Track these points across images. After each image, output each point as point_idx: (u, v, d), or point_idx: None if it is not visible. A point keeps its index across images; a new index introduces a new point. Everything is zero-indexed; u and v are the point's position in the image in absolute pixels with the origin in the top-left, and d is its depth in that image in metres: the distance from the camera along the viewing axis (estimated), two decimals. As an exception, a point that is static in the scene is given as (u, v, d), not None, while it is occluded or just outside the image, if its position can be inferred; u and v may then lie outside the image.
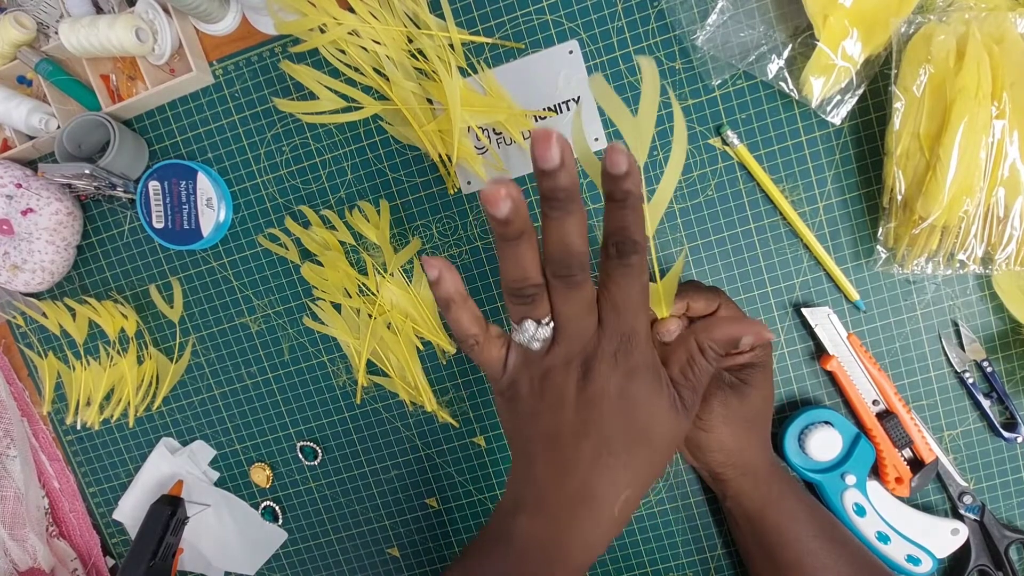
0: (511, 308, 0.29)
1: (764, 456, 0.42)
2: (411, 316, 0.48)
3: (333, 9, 0.42)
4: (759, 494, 0.42)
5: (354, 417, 0.52)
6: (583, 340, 0.29)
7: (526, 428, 0.31)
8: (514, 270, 0.27)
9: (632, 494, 0.30)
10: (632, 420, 0.29)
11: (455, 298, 0.29)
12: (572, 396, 0.29)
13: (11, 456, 0.53)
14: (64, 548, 0.55)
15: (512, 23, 0.46)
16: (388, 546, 0.54)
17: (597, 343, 0.29)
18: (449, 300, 0.29)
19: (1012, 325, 0.45)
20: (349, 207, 0.49)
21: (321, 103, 0.45)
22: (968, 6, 0.39)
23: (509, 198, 0.25)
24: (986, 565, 0.46)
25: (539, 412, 0.30)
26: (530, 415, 0.30)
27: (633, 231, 0.27)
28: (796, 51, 0.42)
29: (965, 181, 0.38)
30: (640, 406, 0.29)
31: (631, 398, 0.29)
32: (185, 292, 0.51)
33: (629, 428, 0.29)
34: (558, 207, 0.26)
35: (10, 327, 0.54)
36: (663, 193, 0.34)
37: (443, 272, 0.29)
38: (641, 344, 0.29)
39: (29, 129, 0.49)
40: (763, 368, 0.40)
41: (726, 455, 0.41)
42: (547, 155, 0.25)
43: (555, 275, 0.28)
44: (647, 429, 0.29)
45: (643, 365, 0.29)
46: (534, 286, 0.28)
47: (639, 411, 0.29)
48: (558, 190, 0.25)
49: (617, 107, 0.34)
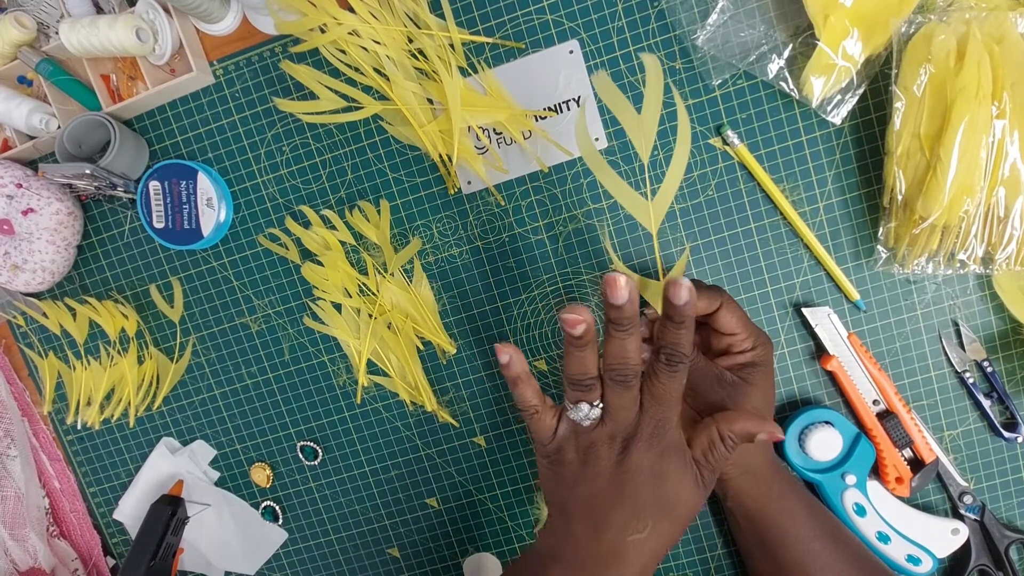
0: (569, 392, 0.35)
1: (765, 455, 0.42)
2: (411, 316, 0.48)
3: (333, 9, 0.42)
4: (760, 493, 0.42)
5: (354, 417, 0.52)
6: (626, 423, 0.34)
7: (567, 490, 0.35)
8: (578, 367, 0.34)
9: (654, 556, 0.34)
10: (661, 492, 0.34)
11: (522, 376, 0.36)
12: (611, 467, 0.34)
13: (11, 456, 0.53)
14: (65, 548, 0.55)
15: (512, 23, 0.46)
16: (388, 546, 0.54)
17: (637, 425, 0.34)
18: (516, 379, 0.36)
19: (1012, 325, 0.45)
20: (349, 207, 0.49)
21: (321, 103, 0.45)
22: (968, 6, 0.39)
23: (585, 323, 0.32)
24: (986, 565, 0.46)
25: (580, 478, 0.35)
26: (572, 480, 0.35)
27: (684, 347, 0.33)
28: (796, 51, 0.42)
29: (965, 181, 0.38)
30: (668, 481, 0.34)
31: (661, 474, 0.34)
32: (185, 292, 0.51)
33: (657, 499, 0.34)
34: (621, 330, 0.33)
35: (10, 327, 0.54)
36: (667, 190, 0.35)
37: (513, 356, 0.35)
38: (673, 429, 0.34)
39: (30, 129, 0.49)
40: (764, 367, 0.40)
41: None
42: (617, 295, 0.32)
43: (612, 378, 0.34)
44: (673, 501, 0.34)
45: (673, 446, 0.34)
46: (592, 379, 0.34)
47: (667, 485, 0.34)
48: (623, 319, 0.32)
49: (622, 104, 0.35)
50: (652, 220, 0.36)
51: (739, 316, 0.40)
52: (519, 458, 0.51)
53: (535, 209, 0.47)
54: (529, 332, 0.49)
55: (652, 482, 0.34)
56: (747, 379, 0.40)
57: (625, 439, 0.34)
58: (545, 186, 0.47)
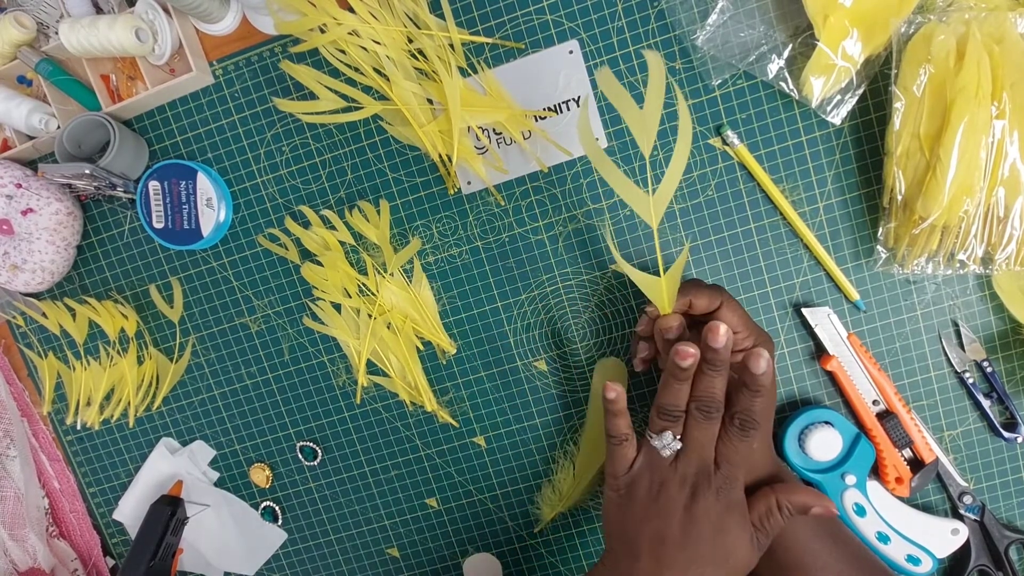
0: (655, 421, 0.38)
1: (766, 456, 0.42)
2: (411, 316, 0.48)
3: (333, 9, 0.42)
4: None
5: (354, 417, 0.52)
6: (701, 464, 0.37)
7: (636, 524, 0.37)
8: (673, 397, 0.37)
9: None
10: (721, 544, 0.36)
11: (623, 410, 0.39)
12: (680, 509, 0.36)
13: (11, 456, 0.53)
14: (64, 548, 0.55)
15: (512, 23, 0.46)
16: (388, 546, 0.54)
17: (708, 475, 0.37)
18: (618, 412, 0.39)
19: (1012, 325, 0.45)
20: (349, 207, 0.49)
21: (321, 103, 0.45)
22: (968, 6, 0.39)
23: (694, 358, 0.36)
24: (986, 565, 0.46)
25: (651, 514, 0.37)
26: (642, 515, 0.37)
27: (757, 415, 0.36)
28: (796, 51, 0.42)
29: (965, 181, 0.38)
30: (729, 534, 0.36)
31: (724, 528, 0.36)
32: (185, 292, 0.51)
33: (717, 549, 0.36)
34: (714, 369, 0.36)
35: (10, 327, 0.54)
36: (668, 185, 0.35)
37: (619, 394, 0.39)
38: (739, 489, 0.37)
39: (29, 129, 0.49)
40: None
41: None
42: (717, 340, 0.35)
43: (698, 409, 0.37)
44: (730, 554, 0.36)
45: (737, 504, 0.37)
46: (681, 411, 0.37)
47: (727, 538, 0.36)
48: (717, 360, 0.36)
49: (625, 100, 0.35)
50: (653, 214, 0.37)
51: (740, 315, 0.40)
52: (519, 458, 0.51)
53: (535, 209, 0.47)
54: (529, 332, 0.49)
55: (714, 533, 0.36)
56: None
57: (695, 485, 0.36)
58: (545, 186, 0.47)
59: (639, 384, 0.49)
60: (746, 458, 0.37)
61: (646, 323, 0.42)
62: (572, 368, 0.49)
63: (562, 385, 0.49)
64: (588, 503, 0.50)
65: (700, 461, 0.37)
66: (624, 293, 0.48)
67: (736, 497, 0.37)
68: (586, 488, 0.49)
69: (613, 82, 0.36)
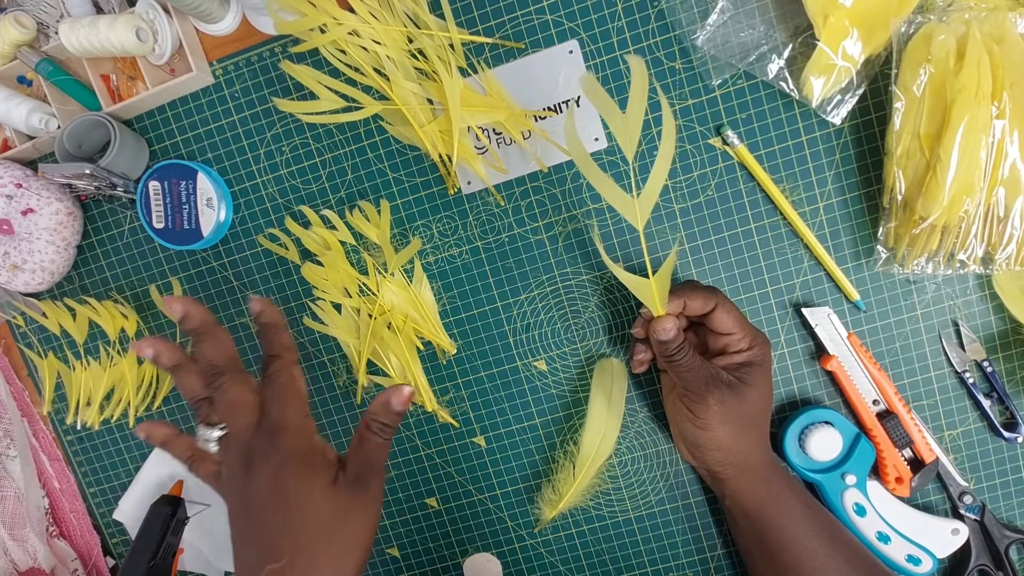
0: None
1: (762, 455, 0.42)
2: (411, 316, 0.48)
3: (333, 9, 0.42)
4: (757, 493, 0.42)
5: (354, 417, 0.52)
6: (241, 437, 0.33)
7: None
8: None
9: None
10: (288, 514, 0.30)
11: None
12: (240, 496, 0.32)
13: (11, 456, 0.53)
14: (64, 548, 0.55)
15: (512, 23, 0.46)
16: (388, 546, 0.54)
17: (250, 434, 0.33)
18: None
19: (1012, 325, 0.45)
20: (349, 207, 0.49)
21: (321, 103, 0.45)
22: (968, 6, 0.39)
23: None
24: (986, 565, 0.46)
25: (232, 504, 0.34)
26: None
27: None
28: (796, 51, 0.42)
29: (965, 181, 0.38)
30: (292, 498, 0.31)
31: (282, 491, 0.31)
32: (185, 292, 0.51)
33: (288, 522, 0.30)
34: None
35: (10, 327, 0.54)
36: (652, 186, 0.36)
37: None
38: (291, 434, 0.32)
39: (29, 129, 0.49)
40: (761, 367, 0.40)
41: (724, 453, 0.41)
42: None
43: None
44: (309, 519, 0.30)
45: (295, 456, 0.32)
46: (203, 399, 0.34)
47: (291, 503, 0.30)
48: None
49: (607, 105, 0.35)
50: (638, 216, 0.37)
51: (735, 316, 0.40)
52: (519, 458, 0.51)
53: (535, 209, 0.47)
54: (529, 332, 0.49)
55: (274, 503, 0.31)
56: (744, 379, 0.40)
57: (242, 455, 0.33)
58: (545, 186, 0.47)
59: (639, 384, 0.49)
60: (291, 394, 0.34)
61: (641, 325, 0.42)
62: (572, 368, 0.49)
63: (562, 385, 0.49)
64: (588, 503, 0.50)
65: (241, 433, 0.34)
66: (624, 293, 0.48)
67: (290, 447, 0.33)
68: (586, 488, 0.49)
69: (596, 87, 0.35)
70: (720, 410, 0.40)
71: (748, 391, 0.40)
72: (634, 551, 0.51)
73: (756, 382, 0.40)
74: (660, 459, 0.49)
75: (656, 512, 0.50)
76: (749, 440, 0.41)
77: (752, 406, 0.40)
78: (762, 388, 0.41)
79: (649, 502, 0.50)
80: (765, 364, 0.41)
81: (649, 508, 0.50)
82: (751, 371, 0.40)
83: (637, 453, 0.49)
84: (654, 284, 0.38)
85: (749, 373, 0.40)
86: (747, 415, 0.40)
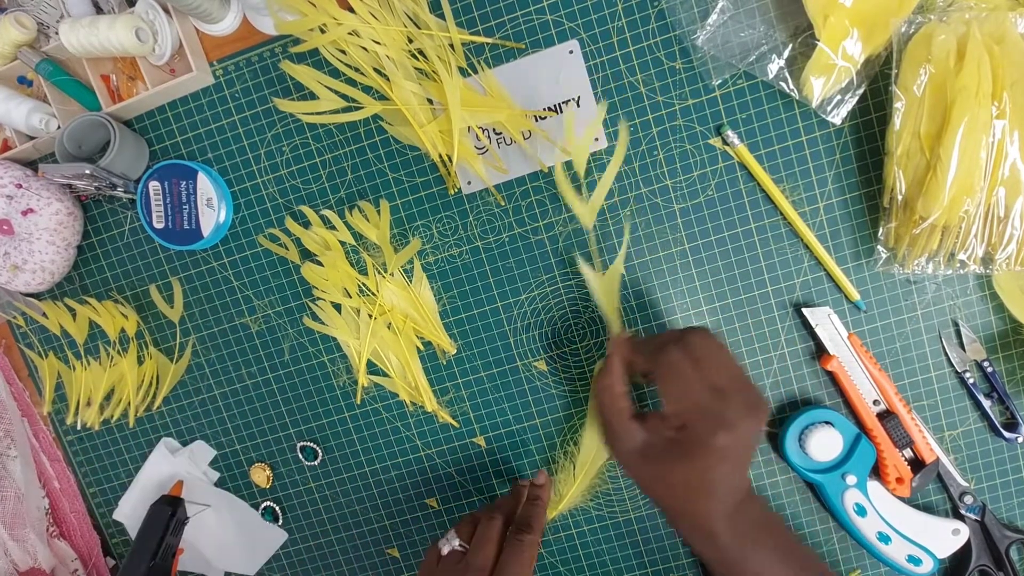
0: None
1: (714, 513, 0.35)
2: (411, 316, 0.48)
3: (333, 9, 0.42)
4: (720, 557, 0.36)
5: (354, 417, 0.52)
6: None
7: None
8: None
9: None
10: None
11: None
12: None
13: (11, 456, 0.53)
14: (64, 548, 0.55)
15: (512, 23, 0.46)
16: (388, 546, 0.54)
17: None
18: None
19: (1012, 325, 0.45)
20: (349, 207, 0.49)
21: (321, 103, 0.45)
22: (968, 6, 0.39)
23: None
24: (987, 565, 0.46)
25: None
26: None
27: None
28: (796, 51, 0.42)
29: (965, 181, 0.38)
30: None
31: None
32: (185, 292, 0.51)
33: None
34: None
35: (10, 327, 0.54)
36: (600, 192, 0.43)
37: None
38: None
39: (29, 129, 0.49)
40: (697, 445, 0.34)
41: (664, 509, 0.37)
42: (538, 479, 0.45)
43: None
44: None
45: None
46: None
47: None
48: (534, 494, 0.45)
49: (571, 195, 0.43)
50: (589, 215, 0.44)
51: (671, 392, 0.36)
52: (519, 458, 0.51)
53: (535, 209, 0.47)
54: (529, 332, 0.49)
55: None
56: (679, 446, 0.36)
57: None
58: (545, 186, 0.47)
59: (639, 384, 0.49)
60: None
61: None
62: (572, 368, 0.49)
63: (562, 385, 0.49)
64: (588, 503, 0.50)
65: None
66: (624, 293, 0.48)
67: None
68: (586, 488, 0.49)
69: (563, 181, 0.43)
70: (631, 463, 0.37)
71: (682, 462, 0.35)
72: (634, 551, 0.51)
73: (694, 455, 0.35)
74: (660, 459, 0.49)
75: (656, 512, 0.50)
76: (687, 496, 0.35)
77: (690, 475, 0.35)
78: (701, 463, 0.34)
79: (649, 502, 0.50)
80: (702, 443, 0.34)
81: (649, 508, 0.50)
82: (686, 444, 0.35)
83: (637, 453, 0.49)
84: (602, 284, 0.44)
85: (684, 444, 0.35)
86: (681, 481, 0.35)
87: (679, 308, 0.47)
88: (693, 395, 0.35)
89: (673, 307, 0.47)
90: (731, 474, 0.35)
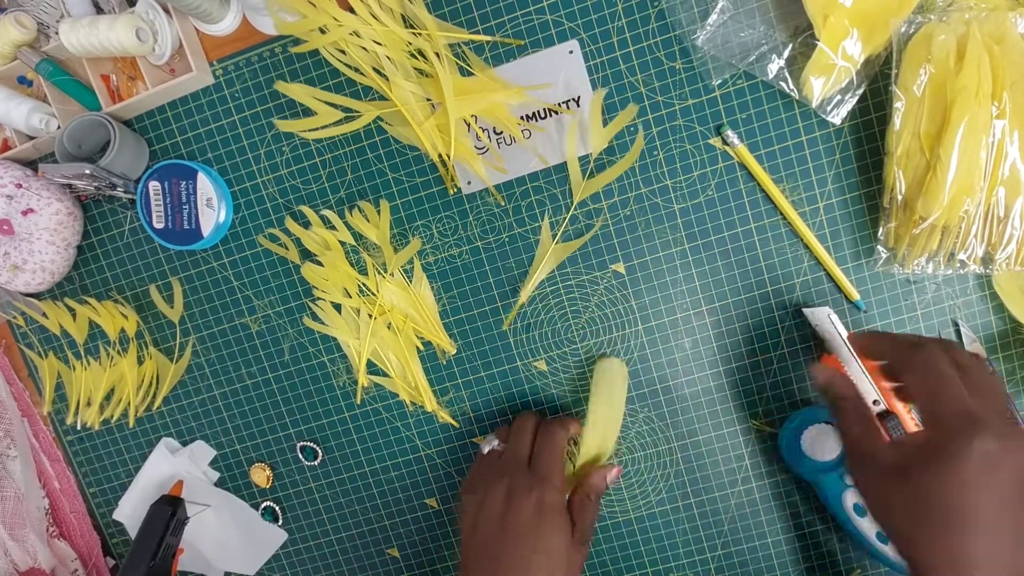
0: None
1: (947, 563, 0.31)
2: (411, 316, 0.48)
3: (333, 10, 0.42)
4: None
5: (354, 417, 0.52)
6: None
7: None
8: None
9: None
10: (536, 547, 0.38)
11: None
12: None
13: (11, 456, 0.53)
14: (64, 548, 0.55)
15: (512, 23, 0.46)
16: (388, 546, 0.54)
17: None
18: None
19: (1012, 325, 0.45)
20: (349, 207, 0.49)
21: (319, 118, 0.45)
22: (968, 6, 0.39)
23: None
24: (986, 565, 0.46)
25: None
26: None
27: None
28: (796, 51, 0.42)
29: (965, 181, 0.38)
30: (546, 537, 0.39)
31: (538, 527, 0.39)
32: (185, 292, 0.51)
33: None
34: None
35: (10, 327, 0.54)
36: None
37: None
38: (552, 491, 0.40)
39: (29, 129, 0.49)
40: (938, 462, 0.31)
41: (893, 539, 0.35)
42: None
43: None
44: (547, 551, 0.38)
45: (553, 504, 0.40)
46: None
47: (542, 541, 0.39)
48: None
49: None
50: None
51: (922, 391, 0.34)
52: (519, 458, 0.51)
53: (535, 209, 0.47)
54: (529, 332, 0.49)
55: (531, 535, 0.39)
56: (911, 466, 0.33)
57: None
58: (545, 186, 0.47)
59: (639, 384, 0.49)
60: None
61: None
62: (572, 368, 0.49)
63: (562, 385, 0.49)
64: (588, 503, 0.50)
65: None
66: (624, 293, 0.48)
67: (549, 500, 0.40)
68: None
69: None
70: (870, 486, 0.35)
71: (912, 482, 0.32)
72: (634, 551, 0.51)
73: (927, 475, 0.32)
74: (660, 459, 0.49)
75: (656, 512, 0.50)
76: (920, 533, 0.32)
77: (921, 500, 0.32)
78: (938, 484, 0.31)
79: (649, 502, 0.50)
80: (948, 458, 0.31)
81: (649, 508, 0.50)
82: (921, 462, 0.32)
83: (637, 453, 0.49)
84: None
85: (918, 462, 0.33)
86: (912, 507, 0.33)
87: (679, 308, 0.47)
88: (954, 395, 0.32)
89: (673, 307, 0.47)
90: (995, 501, 0.30)
